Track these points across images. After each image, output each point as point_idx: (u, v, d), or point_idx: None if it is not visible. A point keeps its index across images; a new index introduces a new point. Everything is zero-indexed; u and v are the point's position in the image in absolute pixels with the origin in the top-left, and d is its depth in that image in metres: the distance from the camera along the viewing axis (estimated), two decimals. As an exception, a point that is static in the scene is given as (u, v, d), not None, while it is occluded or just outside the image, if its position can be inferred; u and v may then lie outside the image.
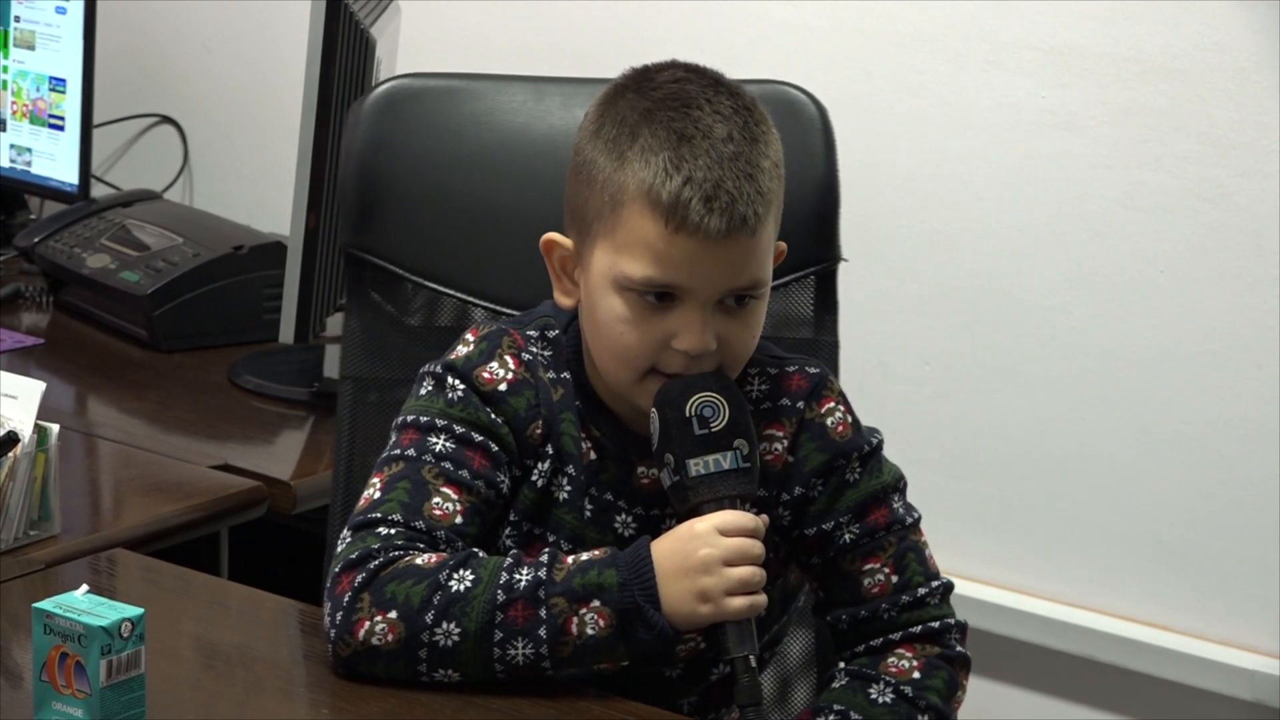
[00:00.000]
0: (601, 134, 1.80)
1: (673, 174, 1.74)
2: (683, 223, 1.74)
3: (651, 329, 1.78)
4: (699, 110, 1.77)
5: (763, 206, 1.76)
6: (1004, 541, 2.91)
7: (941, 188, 2.89)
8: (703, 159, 1.74)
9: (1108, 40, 2.73)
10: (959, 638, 1.89)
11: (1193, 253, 2.72)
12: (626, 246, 1.77)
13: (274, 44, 3.49)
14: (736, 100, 1.80)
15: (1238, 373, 2.71)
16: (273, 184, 3.36)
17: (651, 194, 1.74)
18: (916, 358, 2.94)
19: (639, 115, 1.78)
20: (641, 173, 1.75)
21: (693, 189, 1.73)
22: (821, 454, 1.88)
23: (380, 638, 1.73)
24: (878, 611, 1.87)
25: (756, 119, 1.79)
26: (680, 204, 1.73)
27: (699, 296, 1.76)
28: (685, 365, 1.78)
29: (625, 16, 3.10)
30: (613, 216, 1.77)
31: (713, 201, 1.73)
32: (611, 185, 1.77)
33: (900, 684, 1.85)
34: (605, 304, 1.79)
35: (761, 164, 1.77)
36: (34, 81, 3.28)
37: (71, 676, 1.65)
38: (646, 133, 1.76)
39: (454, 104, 2.13)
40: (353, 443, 2.10)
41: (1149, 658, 2.80)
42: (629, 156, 1.76)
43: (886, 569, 1.88)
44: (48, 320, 3.08)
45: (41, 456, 2.12)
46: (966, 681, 1.90)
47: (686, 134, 1.75)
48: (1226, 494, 2.75)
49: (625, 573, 1.74)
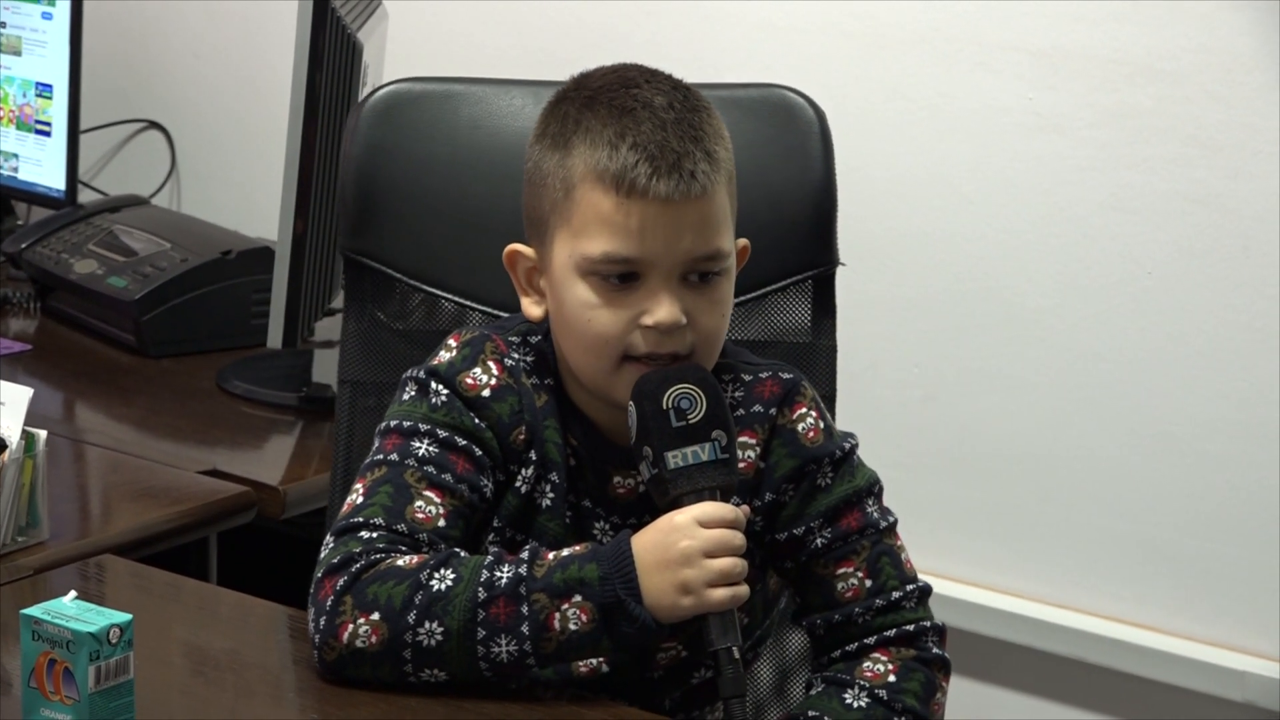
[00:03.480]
0: (546, 134, 1.83)
1: (618, 144, 1.76)
2: (632, 187, 1.75)
3: (619, 310, 1.78)
4: (638, 89, 1.80)
5: (710, 166, 1.78)
6: (994, 543, 2.91)
7: (930, 190, 2.89)
8: (645, 125, 1.77)
9: (1095, 42, 2.74)
10: (936, 640, 1.89)
11: (1181, 254, 2.72)
12: (583, 228, 1.78)
13: (261, 49, 3.49)
14: (674, 82, 1.83)
15: (1226, 374, 2.72)
16: (260, 189, 3.36)
17: (599, 168, 1.77)
18: (905, 360, 2.94)
19: (579, 106, 1.81)
20: (588, 153, 1.78)
21: (638, 153, 1.76)
22: (792, 459, 1.88)
23: (364, 640, 1.73)
24: (852, 616, 1.87)
25: (696, 95, 1.82)
26: (627, 169, 1.76)
27: (661, 268, 1.77)
28: (657, 343, 1.78)
29: (613, 21, 3.10)
30: (566, 203, 1.79)
31: (658, 161, 1.76)
32: (561, 172, 1.80)
33: (875, 688, 1.85)
34: (571, 294, 1.80)
35: (704, 129, 1.79)
36: (20, 87, 3.27)
37: (60, 683, 1.64)
38: (589, 116, 1.79)
39: (453, 108, 2.13)
40: (350, 446, 2.10)
41: (1140, 659, 2.80)
42: (574, 142, 1.79)
43: (860, 573, 1.87)
44: (35, 326, 3.07)
45: (29, 462, 2.12)
46: (946, 684, 1.89)
47: (627, 107, 1.78)
48: (1216, 495, 2.75)
49: (606, 567, 1.74)
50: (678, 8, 3.04)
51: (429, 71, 2.21)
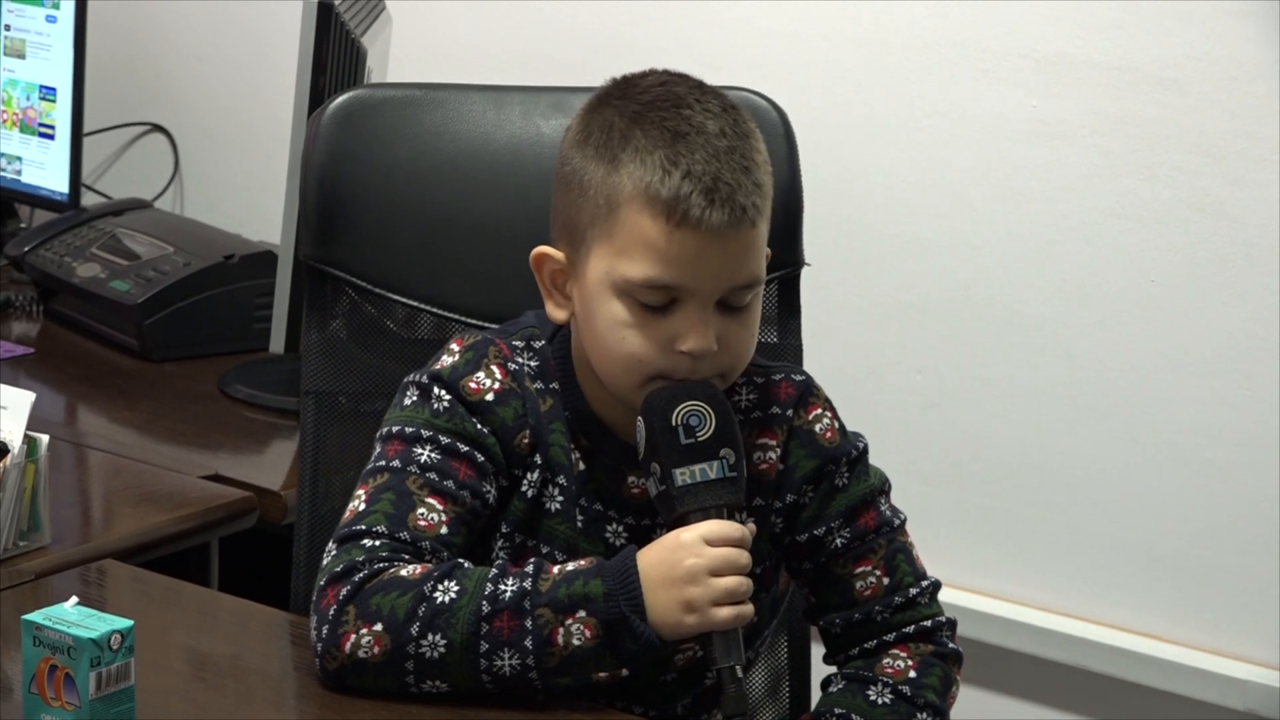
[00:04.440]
0: (590, 141, 1.79)
1: (671, 170, 1.74)
2: (684, 218, 1.73)
3: (654, 332, 1.77)
4: (689, 109, 1.77)
5: (760, 199, 1.77)
6: (996, 551, 2.91)
7: (933, 197, 2.88)
8: (699, 153, 1.75)
9: (1099, 50, 2.73)
10: (950, 634, 1.91)
11: (1185, 262, 2.72)
12: (626, 248, 1.76)
13: (265, 52, 3.48)
14: (723, 100, 1.81)
15: (1230, 382, 2.71)
16: (263, 193, 3.35)
17: (650, 191, 1.74)
18: (908, 367, 2.94)
19: (628, 119, 1.78)
20: (638, 172, 1.75)
21: (692, 183, 1.73)
22: (811, 460, 1.88)
23: (367, 650, 1.73)
24: (871, 614, 1.88)
25: (744, 118, 1.80)
26: (681, 199, 1.73)
27: (700, 295, 1.76)
28: (690, 369, 1.77)
29: (617, 25, 3.10)
30: (609, 220, 1.77)
31: (713, 194, 1.73)
32: (606, 189, 1.77)
33: (898, 684, 1.86)
34: (604, 310, 1.78)
35: (755, 158, 1.78)
36: (24, 90, 3.27)
37: (61, 688, 1.64)
38: (639, 134, 1.76)
39: (413, 114, 2.11)
40: (317, 459, 2.08)
41: (1142, 667, 2.79)
42: (622, 159, 1.76)
43: (878, 571, 1.88)
44: (38, 330, 3.07)
45: (31, 467, 2.12)
46: (959, 676, 1.92)
47: (680, 131, 1.75)
48: (1219, 504, 2.74)
49: (611, 583, 1.73)
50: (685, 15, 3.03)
51: (433, 77, 2.21)
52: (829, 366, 2.26)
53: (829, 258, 2.73)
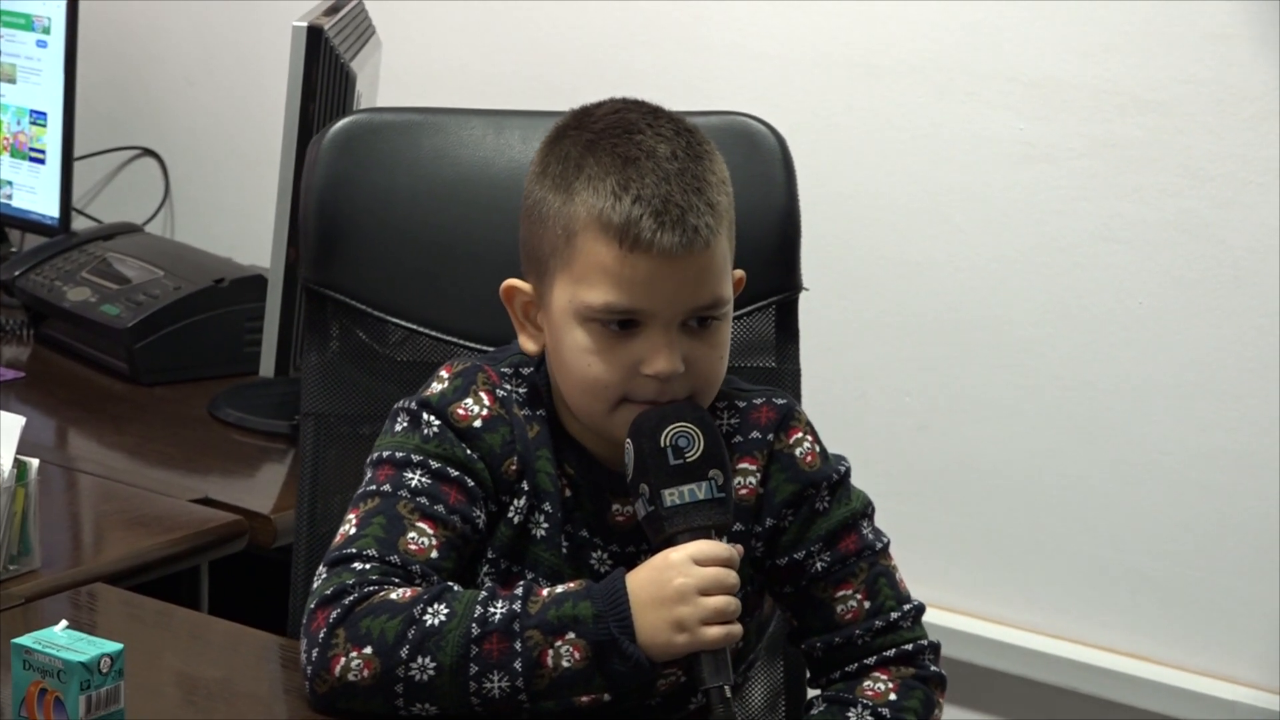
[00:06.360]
0: (548, 173, 1.81)
1: (621, 195, 1.75)
2: (636, 241, 1.75)
3: (618, 357, 1.78)
4: (641, 134, 1.79)
5: (713, 219, 1.77)
6: (985, 572, 2.91)
7: (921, 219, 2.89)
8: (649, 177, 1.76)
9: (1086, 73, 2.74)
10: (933, 658, 1.91)
11: (1171, 284, 2.73)
12: (584, 276, 1.77)
13: (255, 77, 3.49)
14: (677, 124, 1.82)
15: (1216, 403, 2.72)
16: (254, 217, 3.36)
17: (603, 218, 1.76)
18: (896, 389, 2.94)
19: (582, 148, 1.80)
20: (591, 200, 1.77)
21: (642, 206, 1.75)
22: (791, 484, 1.88)
23: (356, 674, 1.73)
24: (852, 637, 1.88)
25: (699, 140, 1.81)
26: (631, 223, 1.75)
27: (661, 318, 1.77)
28: (657, 391, 1.78)
29: (608, 50, 3.11)
30: (567, 249, 1.78)
31: (663, 216, 1.75)
32: (563, 218, 1.79)
33: (878, 706, 1.86)
34: (569, 338, 1.80)
35: (708, 178, 1.79)
36: (15, 115, 3.28)
37: (50, 712, 1.64)
38: (591, 161, 1.78)
39: (413, 139, 2.12)
40: (315, 481, 2.09)
41: (1130, 689, 2.80)
42: (576, 187, 1.78)
43: (859, 595, 1.89)
44: (28, 354, 3.07)
45: (21, 491, 2.12)
46: (943, 699, 1.91)
47: (630, 156, 1.77)
48: (1206, 525, 2.75)
49: (600, 604, 1.74)
50: (675, 39, 3.05)
51: (423, 102, 2.21)
52: (818, 388, 2.27)
53: (818, 279, 2.73)
